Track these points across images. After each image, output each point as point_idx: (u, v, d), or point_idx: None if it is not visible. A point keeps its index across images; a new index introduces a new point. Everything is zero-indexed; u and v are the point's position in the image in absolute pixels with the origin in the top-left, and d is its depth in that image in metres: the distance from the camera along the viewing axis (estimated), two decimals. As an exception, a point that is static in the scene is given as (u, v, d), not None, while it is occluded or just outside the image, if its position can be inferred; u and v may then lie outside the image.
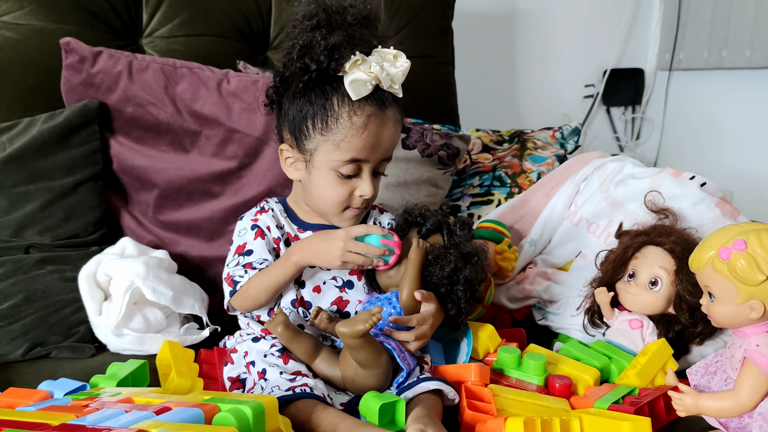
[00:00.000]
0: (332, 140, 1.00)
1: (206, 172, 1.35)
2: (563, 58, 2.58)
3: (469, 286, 1.03)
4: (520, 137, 1.83)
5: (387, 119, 1.01)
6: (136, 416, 0.70)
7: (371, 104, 0.99)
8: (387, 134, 1.02)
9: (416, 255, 1.02)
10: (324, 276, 1.07)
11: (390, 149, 1.05)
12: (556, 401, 0.97)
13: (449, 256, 1.03)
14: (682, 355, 1.15)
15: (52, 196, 1.26)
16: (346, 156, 1.00)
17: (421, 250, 1.02)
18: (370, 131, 1.00)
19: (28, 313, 1.12)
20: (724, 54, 2.43)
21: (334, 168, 1.02)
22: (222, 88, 1.37)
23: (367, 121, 0.99)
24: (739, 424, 0.83)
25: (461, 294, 1.03)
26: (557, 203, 1.44)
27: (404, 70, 1.00)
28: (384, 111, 1.01)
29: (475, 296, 1.06)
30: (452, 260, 1.02)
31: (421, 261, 1.02)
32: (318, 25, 0.98)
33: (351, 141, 0.99)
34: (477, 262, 1.04)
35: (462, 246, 1.05)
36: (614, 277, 1.19)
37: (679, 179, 1.30)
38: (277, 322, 0.98)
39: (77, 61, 1.33)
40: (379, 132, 1.01)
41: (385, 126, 1.01)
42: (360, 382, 0.94)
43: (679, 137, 2.69)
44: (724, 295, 0.85)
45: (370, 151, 1.01)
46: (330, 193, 1.04)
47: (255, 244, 1.06)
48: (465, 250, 1.04)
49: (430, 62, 1.86)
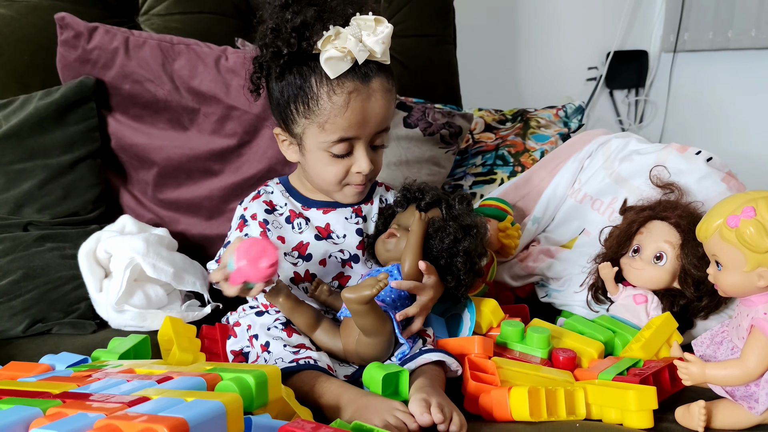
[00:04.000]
0: (316, 122, 0.97)
1: (205, 149, 1.34)
2: (566, 40, 2.56)
3: (468, 257, 1.02)
4: (523, 116, 1.81)
5: (372, 92, 0.96)
6: (138, 384, 0.69)
7: (352, 79, 0.94)
8: (375, 107, 0.97)
9: (417, 227, 1.01)
10: (331, 249, 1.06)
11: (383, 121, 1.00)
12: (560, 373, 0.96)
13: (448, 228, 1.02)
14: (687, 329, 1.14)
15: (50, 173, 1.25)
16: (333, 137, 0.97)
17: (422, 222, 1.01)
18: (353, 108, 0.95)
19: (28, 290, 1.12)
20: (729, 35, 2.40)
21: (324, 149, 0.99)
22: (220, 65, 1.36)
23: (349, 99, 0.95)
24: (745, 392, 0.82)
25: (460, 266, 1.02)
26: (561, 181, 1.42)
27: (384, 37, 0.93)
28: (368, 84, 0.95)
29: (475, 269, 1.05)
30: (451, 232, 1.01)
31: (423, 233, 1.01)
32: (287, 3, 0.93)
33: (335, 121, 0.96)
34: (476, 234, 1.03)
35: (461, 218, 1.03)
36: (619, 252, 1.18)
37: (684, 154, 1.29)
38: (277, 290, 0.97)
39: (72, 36, 1.31)
40: (365, 107, 0.96)
41: (370, 100, 0.96)
42: (363, 351, 0.93)
43: (684, 120, 2.66)
44: (732, 264, 0.83)
45: (358, 128, 0.97)
46: (326, 173, 1.01)
47: (233, 235, 1.06)
48: (464, 222, 1.03)
49: (431, 41, 1.84)
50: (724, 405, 0.85)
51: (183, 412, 0.56)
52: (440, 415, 0.80)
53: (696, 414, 0.84)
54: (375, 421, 0.79)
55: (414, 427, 0.80)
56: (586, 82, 2.64)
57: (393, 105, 1.01)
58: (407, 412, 0.81)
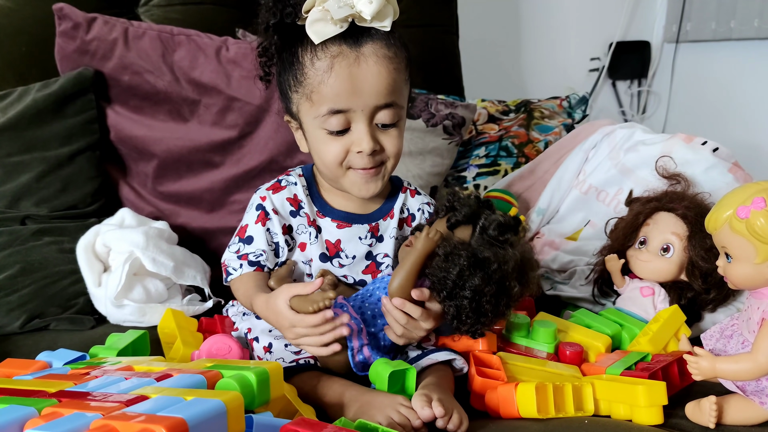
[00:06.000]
0: (305, 95, 0.90)
1: (206, 141, 1.33)
2: (568, 31, 2.54)
3: (477, 297, 0.86)
4: (526, 107, 1.79)
5: (362, 56, 0.87)
6: (137, 382, 0.68)
7: (338, 44, 0.86)
8: (366, 74, 0.87)
9: (422, 245, 0.88)
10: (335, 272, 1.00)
11: (382, 92, 0.88)
12: (567, 368, 0.94)
13: (458, 256, 0.87)
14: (694, 322, 1.13)
15: (48, 166, 1.23)
16: (322, 108, 0.88)
17: (428, 240, 0.88)
18: (338, 74, 0.86)
19: (26, 285, 1.10)
20: (732, 25, 2.38)
21: (320, 126, 0.90)
22: (221, 56, 1.34)
23: (332, 63, 0.86)
24: (756, 386, 0.81)
25: (466, 304, 0.86)
26: (565, 172, 1.41)
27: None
28: (357, 48, 0.86)
29: (484, 311, 0.88)
30: (460, 263, 0.86)
31: (426, 252, 0.88)
32: None
33: (320, 89, 0.88)
34: (494, 272, 0.86)
35: (480, 249, 0.88)
36: (625, 244, 1.16)
37: (690, 144, 1.27)
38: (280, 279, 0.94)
39: (71, 27, 1.30)
40: (353, 73, 0.86)
41: (359, 64, 0.86)
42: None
43: (686, 110, 2.65)
44: (742, 256, 0.82)
45: (348, 98, 0.87)
46: (325, 155, 0.92)
47: (255, 230, 0.97)
48: (482, 255, 0.87)
49: (434, 31, 1.82)
50: (735, 400, 0.83)
51: (182, 411, 0.54)
52: (441, 409, 0.78)
53: (707, 410, 0.82)
54: (378, 418, 0.78)
55: (417, 423, 0.78)
56: (589, 73, 2.62)
57: (398, 76, 0.90)
58: (410, 407, 0.79)
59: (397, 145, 0.93)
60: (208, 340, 0.92)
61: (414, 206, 1.04)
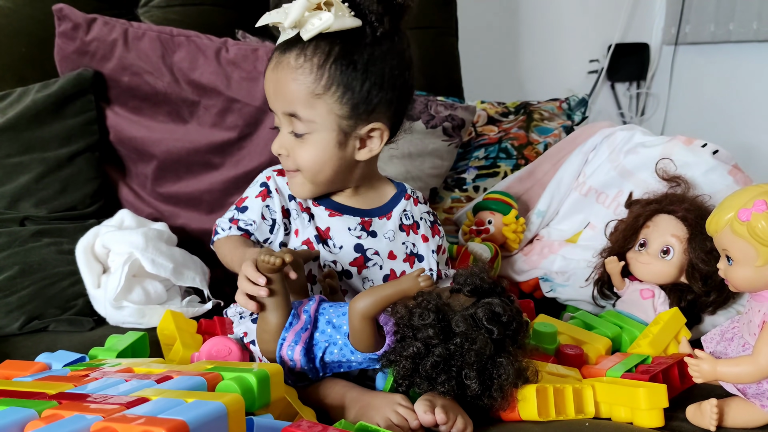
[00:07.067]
0: None
1: (206, 142, 1.33)
2: (567, 32, 2.54)
3: (441, 366, 0.78)
4: (526, 108, 1.79)
5: (278, 63, 0.92)
6: (137, 384, 0.68)
7: (278, 49, 0.93)
8: (272, 80, 0.93)
9: (405, 280, 0.80)
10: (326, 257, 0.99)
11: (281, 101, 0.92)
12: (568, 370, 0.94)
13: (426, 314, 0.79)
14: (694, 324, 1.13)
15: (47, 167, 1.23)
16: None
17: (412, 279, 0.80)
18: (267, 77, 0.94)
19: (24, 286, 1.10)
20: (731, 27, 2.38)
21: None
22: (221, 57, 1.34)
23: (266, 67, 0.95)
24: (757, 389, 0.81)
25: (429, 369, 0.78)
26: (565, 174, 1.41)
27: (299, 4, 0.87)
28: (282, 55, 0.92)
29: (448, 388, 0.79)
30: (426, 324, 0.78)
31: (404, 290, 0.80)
32: None
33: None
34: (457, 348, 0.78)
35: (456, 319, 0.79)
36: (625, 246, 1.16)
37: (690, 147, 1.27)
38: None
39: (71, 28, 1.30)
40: (269, 77, 0.94)
41: (274, 70, 0.92)
42: None
43: (685, 113, 2.65)
44: (744, 258, 0.82)
45: (270, 99, 0.95)
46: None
47: (253, 202, 0.99)
48: (457, 329, 0.78)
49: (433, 33, 1.82)
50: (736, 403, 0.83)
51: (183, 413, 0.54)
52: (443, 416, 0.78)
53: (708, 413, 0.82)
54: (377, 419, 0.78)
55: (415, 424, 0.78)
56: (588, 75, 2.63)
57: (299, 87, 0.90)
58: (409, 407, 0.79)
59: (305, 157, 0.94)
60: (207, 342, 0.92)
61: (417, 214, 1.06)
